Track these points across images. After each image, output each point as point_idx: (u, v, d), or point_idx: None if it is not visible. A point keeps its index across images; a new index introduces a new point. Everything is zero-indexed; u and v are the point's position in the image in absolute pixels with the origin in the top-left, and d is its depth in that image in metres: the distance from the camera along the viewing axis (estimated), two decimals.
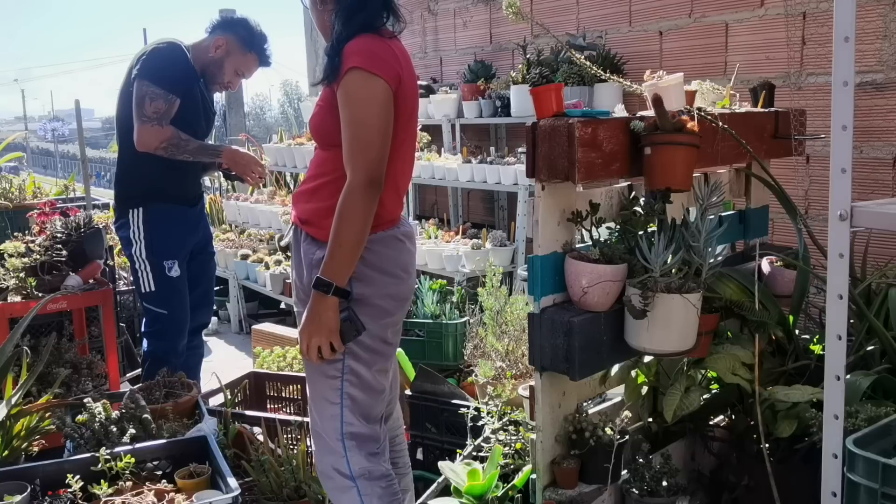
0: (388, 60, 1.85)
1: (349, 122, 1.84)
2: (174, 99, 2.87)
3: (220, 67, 3.06)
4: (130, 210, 3.01)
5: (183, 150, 2.91)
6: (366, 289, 1.93)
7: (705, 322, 1.96)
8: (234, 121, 8.79)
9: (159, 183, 3.00)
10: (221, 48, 3.03)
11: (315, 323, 1.87)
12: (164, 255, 3.03)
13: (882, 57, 3.02)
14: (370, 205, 1.84)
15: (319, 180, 1.97)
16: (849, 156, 1.41)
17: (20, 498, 1.89)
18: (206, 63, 3.05)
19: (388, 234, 1.98)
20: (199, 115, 3.08)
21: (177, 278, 3.06)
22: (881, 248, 2.93)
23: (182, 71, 2.95)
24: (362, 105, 1.83)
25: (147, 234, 3.00)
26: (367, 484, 1.95)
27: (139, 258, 3.02)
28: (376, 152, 1.84)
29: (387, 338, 2.02)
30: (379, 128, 1.84)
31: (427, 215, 5.47)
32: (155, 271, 3.02)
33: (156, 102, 2.84)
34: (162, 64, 2.90)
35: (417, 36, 5.63)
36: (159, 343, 3.07)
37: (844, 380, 1.47)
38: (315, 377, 1.99)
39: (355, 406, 1.96)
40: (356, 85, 1.83)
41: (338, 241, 1.84)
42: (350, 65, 1.82)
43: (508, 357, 2.95)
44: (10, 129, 35.92)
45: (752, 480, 2.12)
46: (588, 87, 3.98)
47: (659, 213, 1.99)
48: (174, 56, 2.95)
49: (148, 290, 3.04)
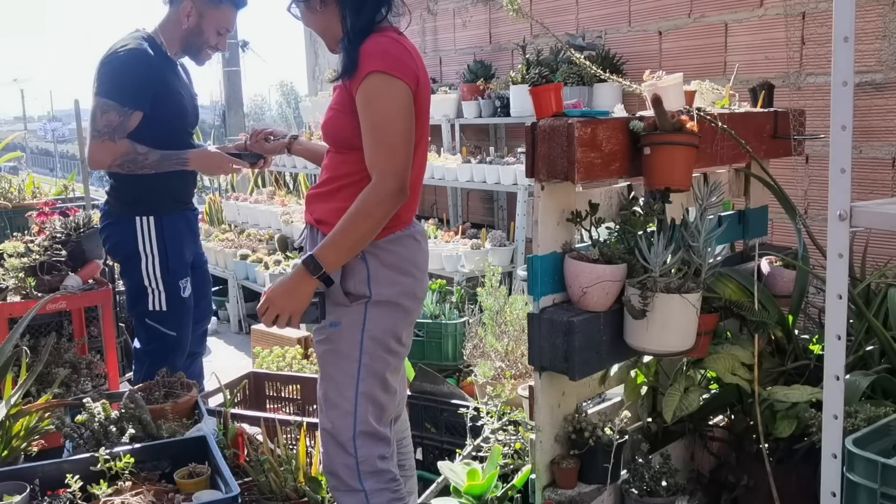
0: (405, 61, 1.84)
1: (373, 127, 1.82)
2: (130, 111, 2.64)
3: (199, 34, 2.79)
4: (138, 218, 2.77)
5: (141, 164, 2.66)
6: (384, 289, 1.93)
7: (705, 322, 1.96)
8: (234, 121, 8.79)
9: (171, 186, 2.81)
10: (192, 13, 2.75)
11: (287, 296, 1.87)
12: (180, 274, 2.84)
13: (881, 57, 3.02)
14: (392, 211, 1.84)
15: (338, 183, 1.95)
16: (848, 156, 1.41)
17: (19, 498, 1.89)
18: (183, 37, 2.79)
19: (406, 233, 1.98)
20: (185, 111, 2.87)
21: (188, 297, 2.90)
22: (880, 248, 2.93)
23: (142, 79, 2.67)
24: (385, 109, 1.81)
25: (161, 249, 2.78)
26: (375, 486, 1.94)
27: (151, 276, 2.79)
28: (402, 157, 1.83)
29: (402, 338, 2.02)
30: (403, 131, 1.83)
31: (426, 215, 5.46)
32: (169, 291, 2.82)
33: (107, 115, 2.62)
34: (115, 75, 2.66)
35: (417, 36, 5.63)
36: (162, 363, 2.79)
37: (844, 380, 1.48)
38: (330, 374, 1.97)
39: (370, 406, 1.95)
40: (378, 89, 1.81)
41: (347, 233, 1.83)
42: (370, 68, 1.80)
43: (508, 357, 2.95)
44: (10, 129, 35.89)
45: (751, 480, 2.12)
46: (587, 87, 3.98)
47: (658, 213, 1.99)
48: (130, 63, 2.67)
49: (157, 309, 2.82)
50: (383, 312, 1.93)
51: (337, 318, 1.95)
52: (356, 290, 1.92)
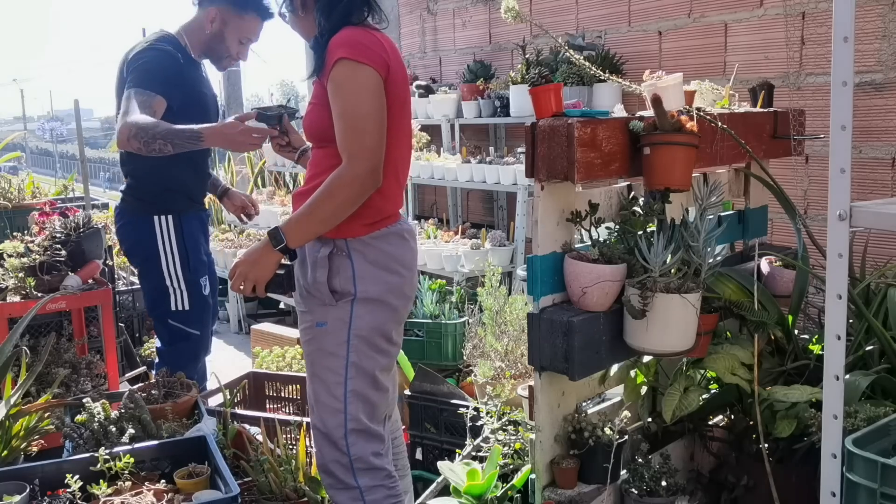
0: (373, 49, 1.85)
1: (342, 113, 1.84)
2: (154, 95, 2.61)
3: (221, 41, 2.79)
4: (157, 217, 2.76)
5: (153, 134, 2.52)
6: (371, 286, 1.93)
7: (704, 322, 1.96)
8: None
9: (187, 185, 2.82)
10: (216, 20, 2.75)
11: (252, 264, 1.93)
12: (200, 273, 2.85)
13: (881, 57, 3.02)
14: (363, 195, 1.85)
15: (319, 179, 1.96)
16: (848, 156, 1.41)
17: (19, 498, 1.89)
18: (205, 41, 2.80)
19: (392, 230, 1.98)
20: (209, 111, 2.84)
21: (209, 295, 2.92)
22: (880, 248, 2.93)
23: (168, 71, 2.68)
24: (353, 94, 1.83)
25: (181, 247, 2.79)
26: (370, 483, 1.95)
27: (173, 275, 2.79)
28: (373, 140, 1.84)
29: (392, 336, 2.02)
30: (372, 115, 1.84)
31: (426, 215, 5.47)
32: (191, 290, 2.82)
33: (131, 99, 2.59)
34: (141, 67, 2.66)
35: (416, 36, 5.63)
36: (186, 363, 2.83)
37: (843, 380, 1.48)
38: (318, 373, 1.98)
39: (360, 403, 1.95)
40: (344, 75, 1.83)
41: (314, 212, 1.85)
42: (336, 56, 1.83)
43: (507, 357, 2.95)
44: (10, 129, 35.88)
45: (751, 480, 2.12)
46: (587, 87, 3.98)
47: (658, 213, 1.99)
48: (158, 58, 2.69)
49: (181, 308, 2.83)
50: (370, 310, 1.94)
51: (323, 318, 1.96)
52: (342, 288, 1.93)
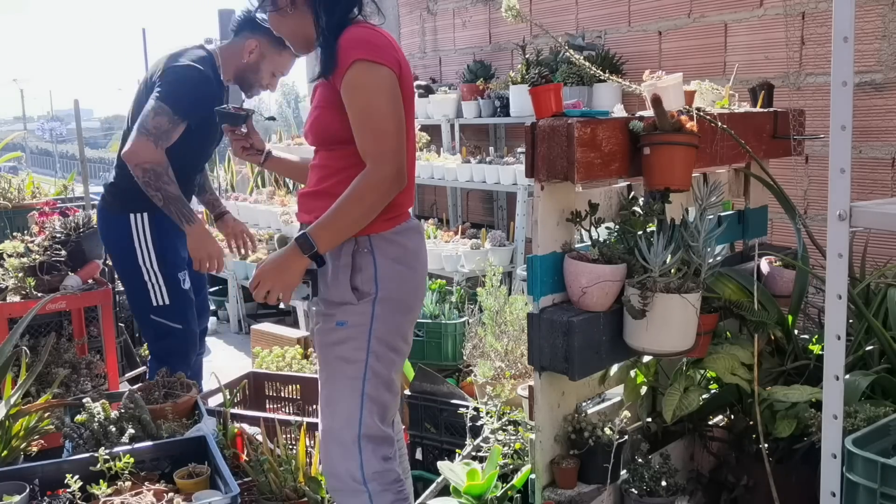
0: (386, 48, 1.85)
1: (362, 115, 1.82)
2: (179, 121, 2.68)
3: (256, 71, 2.87)
4: (132, 215, 2.81)
5: (158, 186, 2.65)
6: (392, 285, 1.92)
7: (704, 322, 1.96)
8: None
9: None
10: (255, 52, 2.82)
11: (279, 272, 1.87)
12: (178, 267, 2.88)
13: (881, 57, 3.02)
14: (390, 196, 1.85)
15: (331, 180, 1.94)
16: (848, 156, 1.41)
17: (19, 498, 1.89)
18: (239, 68, 2.86)
19: (408, 226, 1.98)
20: (215, 138, 2.95)
21: (189, 290, 2.94)
22: (880, 248, 2.93)
23: (200, 97, 2.73)
24: (372, 95, 1.82)
25: (156, 242, 2.82)
26: (378, 488, 1.93)
27: (149, 269, 2.83)
28: (396, 141, 1.83)
29: (408, 336, 2.02)
30: (392, 116, 1.83)
31: (426, 215, 5.47)
32: (169, 284, 2.86)
33: (160, 118, 2.65)
34: (177, 84, 2.71)
35: (416, 36, 5.63)
36: (175, 359, 2.86)
37: (843, 380, 1.48)
38: (333, 377, 1.95)
39: (374, 407, 1.93)
40: (363, 76, 1.81)
41: (343, 216, 1.83)
42: (353, 58, 1.81)
43: (507, 357, 2.95)
44: (9, 129, 35.88)
45: (751, 480, 2.12)
46: (587, 88, 3.98)
47: (658, 213, 1.99)
48: (195, 80, 2.74)
49: (161, 303, 2.86)
50: (390, 310, 1.92)
51: (343, 318, 1.92)
52: (363, 287, 1.91)
